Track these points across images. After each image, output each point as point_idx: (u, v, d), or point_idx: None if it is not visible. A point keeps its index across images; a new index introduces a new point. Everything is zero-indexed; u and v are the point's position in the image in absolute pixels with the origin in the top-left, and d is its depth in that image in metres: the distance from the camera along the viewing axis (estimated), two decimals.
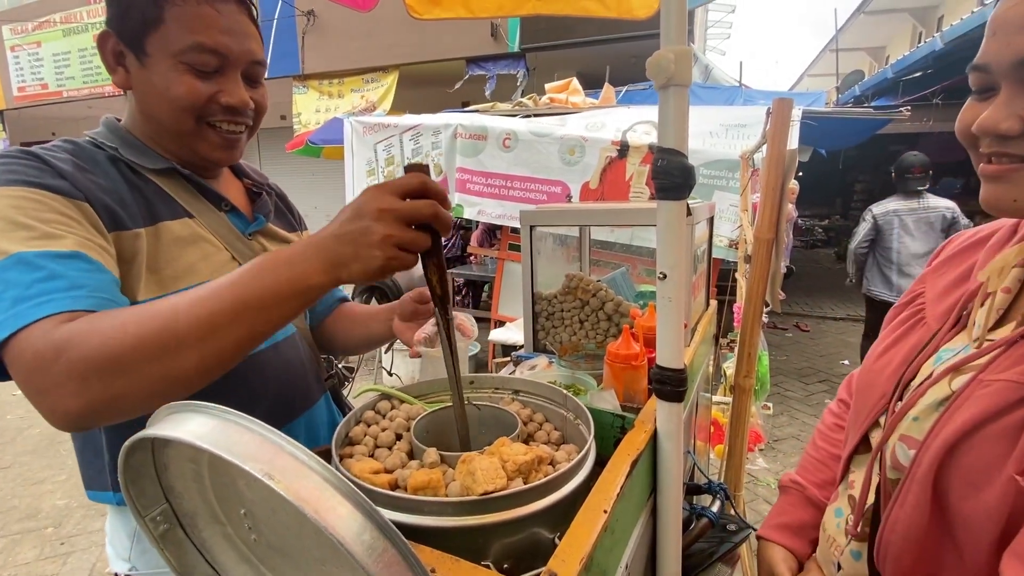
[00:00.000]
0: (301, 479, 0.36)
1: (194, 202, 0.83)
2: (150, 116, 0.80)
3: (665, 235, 0.67)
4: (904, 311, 0.75)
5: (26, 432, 3.83)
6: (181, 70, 0.75)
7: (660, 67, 0.62)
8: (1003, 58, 0.53)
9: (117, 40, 0.76)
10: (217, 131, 0.81)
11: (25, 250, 0.61)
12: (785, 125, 1.33)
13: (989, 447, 0.52)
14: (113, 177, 0.75)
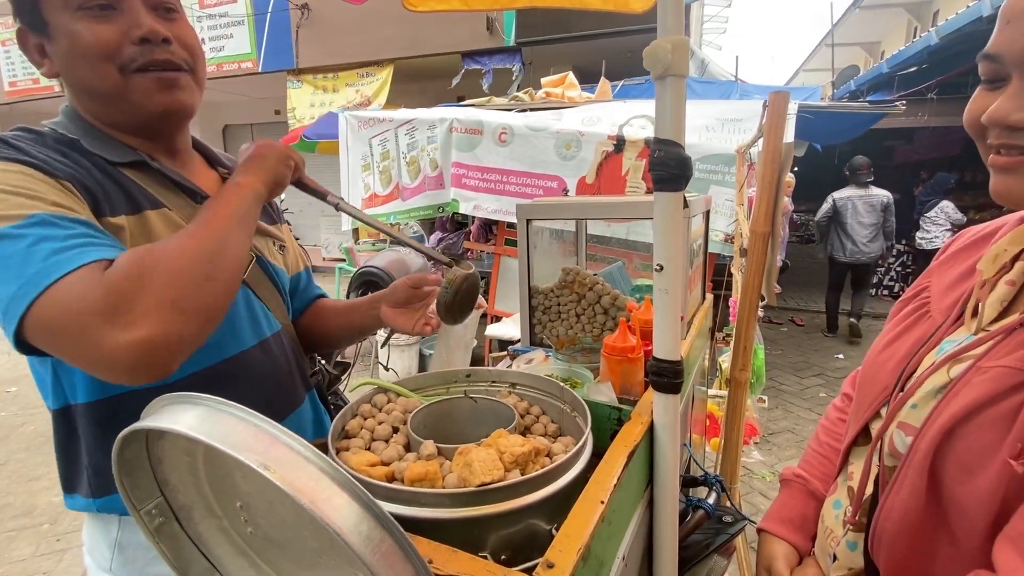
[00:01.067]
0: (297, 470, 0.36)
1: (168, 195, 0.80)
2: (81, 89, 0.76)
3: (662, 227, 0.67)
4: (909, 304, 0.75)
5: (20, 429, 3.80)
6: (78, 19, 0.71)
7: (657, 57, 0.61)
8: (1016, 47, 0.51)
9: (26, 30, 0.74)
10: (145, 75, 0.75)
11: (45, 211, 0.62)
12: (781, 119, 1.33)
13: (985, 432, 0.52)
14: (84, 165, 0.72)
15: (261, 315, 0.89)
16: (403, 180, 4.45)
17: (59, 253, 0.59)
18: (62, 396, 0.76)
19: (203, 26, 8.31)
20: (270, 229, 0.97)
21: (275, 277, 0.94)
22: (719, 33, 13.89)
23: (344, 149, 4.56)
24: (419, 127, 4.25)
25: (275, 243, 0.97)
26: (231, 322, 0.82)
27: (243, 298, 0.86)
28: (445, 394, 0.87)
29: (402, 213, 4.55)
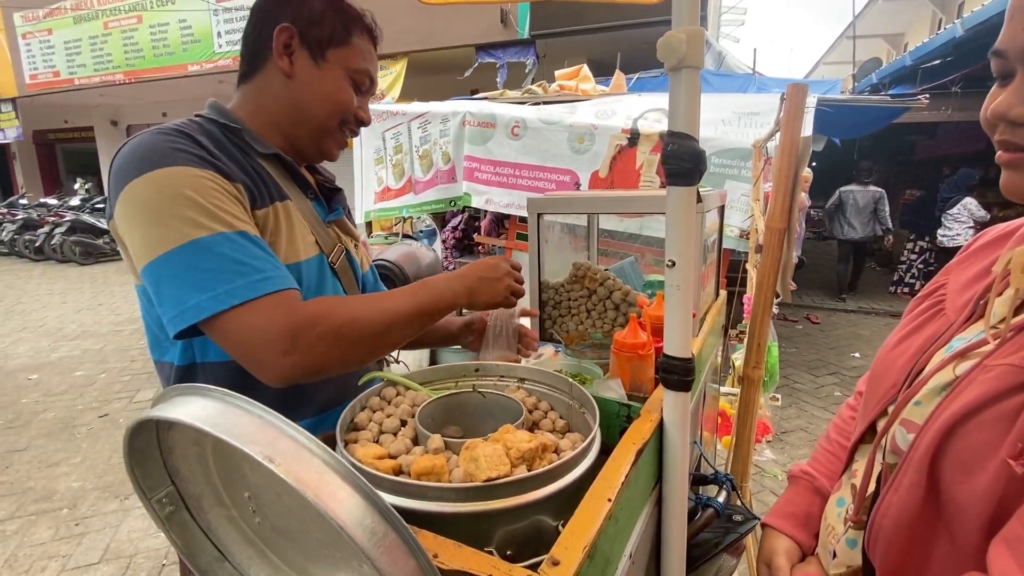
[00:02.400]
0: (302, 463, 0.36)
1: (289, 187, 0.91)
2: (302, 106, 0.89)
3: (674, 222, 0.66)
4: (925, 302, 0.74)
5: (41, 416, 3.90)
6: (348, 82, 0.91)
7: (671, 48, 0.60)
8: (1018, 42, 0.52)
9: (294, 35, 0.86)
10: (343, 135, 0.95)
11: (227, 230, 0.71)
12: (799, 112, 1.30)
13: (986, 431, 0.51)
14: (237, 158, 0.82)
15: None
16: (416, 174, 4.46)
17: (245, 276, 0.70)
18: (190, 355, 0.83)
19: (220, 19, 8.37)
20: (352, 228, 1.07)
21: (356, 271, 1.03)
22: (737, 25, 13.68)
23: (357, 143, 4.57)
24: (432, 120, 4.25)
25: (353, 241, 1.07)
26: None
27: (332, 288, 0.94)
28: (454, 388, 0.87)
29: (414, 207, 4.56)
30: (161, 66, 9.04)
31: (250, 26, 0.88)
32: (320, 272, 0.90)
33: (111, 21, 9.16)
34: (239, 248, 0.71)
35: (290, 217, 0.86)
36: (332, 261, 0.93)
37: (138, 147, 0.73)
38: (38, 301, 7.39)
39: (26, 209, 11.05)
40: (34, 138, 14.26)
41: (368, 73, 0.94)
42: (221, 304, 0.68)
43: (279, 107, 0.89)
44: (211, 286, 0.68)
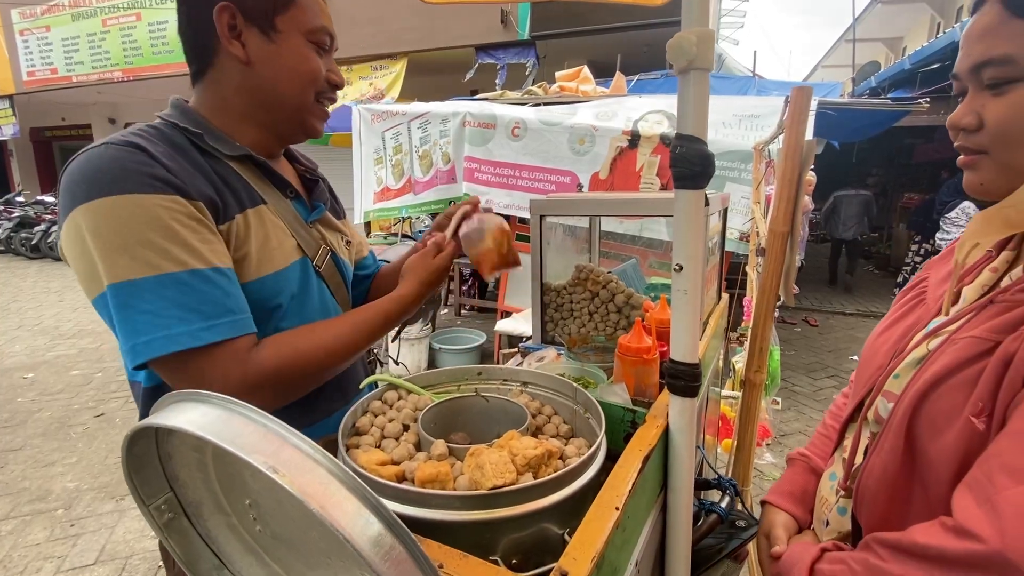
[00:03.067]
0: (306, 473, 0.35)
1: (265, 188, 0.85)
2: (270, 89, 0.82)
3: (682, 226, 0.65)
4: (909, 293, 0.82)
5: (37, 415, 3.87)
6: (309, 48, 0.82)
7: (681, 49, 0.59)
8: (964, 65, 0.64)
9: (236, 15, 0.77)
10: (321, 106, 0.88)
11: (176, 269, 0.67)
12: (803, 114, 1.29)
13: (952, 395, 0.59)
14: (201, 165, 0.76)
15: (331, 307, 0.94)
16: (415, 174, 4.44)
17: (191, 322, 0.67)
18: (157, 377, 0.79)
19: None
20: (339, 225, 1.02)
21: (343, 271, 0.99)
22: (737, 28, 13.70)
23: (357, 142, 4.56)
24: (432, 121, 4.24)
25: (342, 238, 1.01)
26: (306, 316, 0.87)
27: (318, 291, 0.90)
28: (456, 392, 0.86)
29: (414, 207, 4.54)
30: (160, 64, 9.02)
31: (184, 17, 0.80)
32: (304, 277, 0.86)
33: (109, 19, 9.13)
34: (188, 289, 0.67)
35: (264, 223, 0.81)
36: (317, 265, 0.89)
37: (88, 166, 0.68)
38: (34, 299, 7.35)
39: (22, 207, 11.00)
40: (31, 135, 14.20)
41: (326, 30, 0.84)
42: (159, 350, 0.66)
43: (244, 98, 0.82)
44: (151, 330, 0.65)
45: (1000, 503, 0.48)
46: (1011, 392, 0.53)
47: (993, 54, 0.59)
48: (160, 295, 0.66)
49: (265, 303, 0.79)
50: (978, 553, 0.47)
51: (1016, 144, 0.59)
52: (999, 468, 0.50)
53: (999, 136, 0.61)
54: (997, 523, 0.47)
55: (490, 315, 5.46)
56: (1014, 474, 0.49)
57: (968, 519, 0.50)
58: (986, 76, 0.61)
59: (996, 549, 0.46)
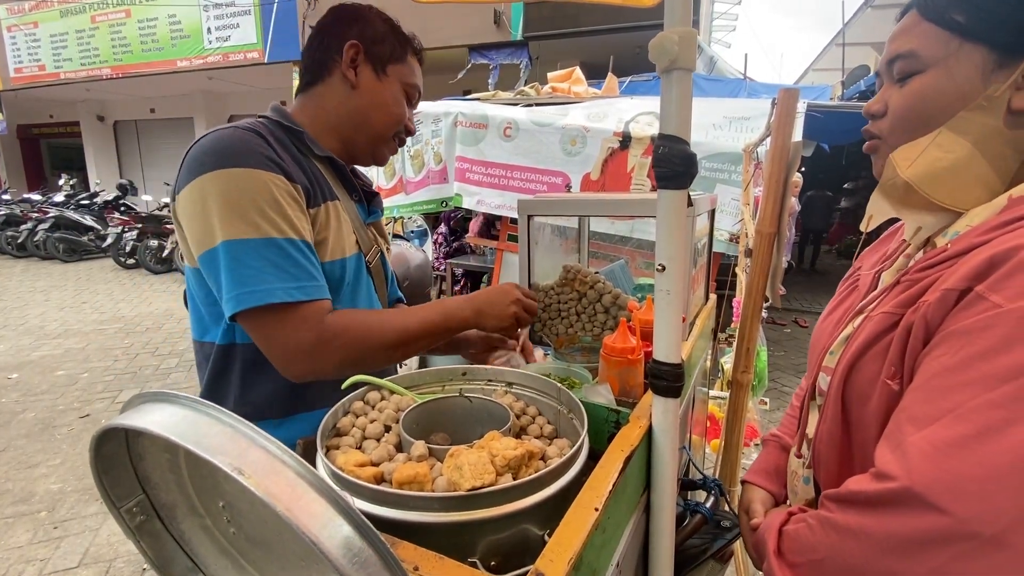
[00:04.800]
0: (273, 475, 0.34)
1: (339, 188, 0.99)
2: (364, 115, 0.98)
3: (665, 226, 0.65)
4: (847, 282, 0.92)
5: (20, 416, 3.81)
6: (403, 95, 1.01)
7: (663, 49, 0.59)
8: (883, 61, 0.72)
9: (360, 52, 0.95)
10: (395, 143, 1.05)
11: (279, 236, 0.79)
12: (790, 116, 1.30)
13: (872, 364, 0.66)
14: (298, 158, 0.90)
15: (376, 302, 1.06)
16: (407, 174, 4.43)
17: (285, 280, 0.79)
18: (231, 335, 0.90)
19: (210, 15, 8.28)
20: (386, 234, 1.15)
21: (388, 272, 1.12)
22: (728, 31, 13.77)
23: None
24: (424, 120, 4.22)
25: (386, 243, 1.15)
26: (357, 305, 0.99)
27: (367, 286, 1.02)
28: (440, 392, 0.85)
29: (405, 207, 4.53)
30: (149, 61, 8.93)
31: (316, 40, 0.97)
32: (357, 270, 0.98)
33: (99, 15, 9.04)
34: (285, 254, 0.79)
35: (339, 216, 0.94)
36: (368, 261, 1.02)
37: (218, 142, 0.81)
38: (20, 299, 7.25)
39: (8, 205, 10.84)
40: (18, 132, 14.03)
41: (418, 88, 1.04)
42: (258, 300, 0.77)
43: (340, 114, 0.97)
44: (254, 283, 0.77)
45: (907, 447, 0.55)
46: (914, 355, 0.61)
47: (902, 49, 0.68)
48: (262, 255, 0.78)
49: (332, 284, 0.90)
50: (891, 490, 0.54)
51: (906, 129, 0.68)
52: (906, 419, 0.58)
53: (896, 120, 0.70)
54: (904, 463, 0.54)
55: None
56: (916, 422, 0.56)
57: (884, 464, 0.57)
58: (896, 69, 0.70)
59: (905, 485, 0.53)
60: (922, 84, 0.67)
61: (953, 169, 0.65)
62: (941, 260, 0.64)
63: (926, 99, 0.66)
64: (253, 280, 0.77)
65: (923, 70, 0.66)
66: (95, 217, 10.03)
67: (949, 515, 0.50)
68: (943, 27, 0.64)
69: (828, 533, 0.61)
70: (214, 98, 11.45)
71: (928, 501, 0.51)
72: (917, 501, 0.52)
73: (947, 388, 0.55)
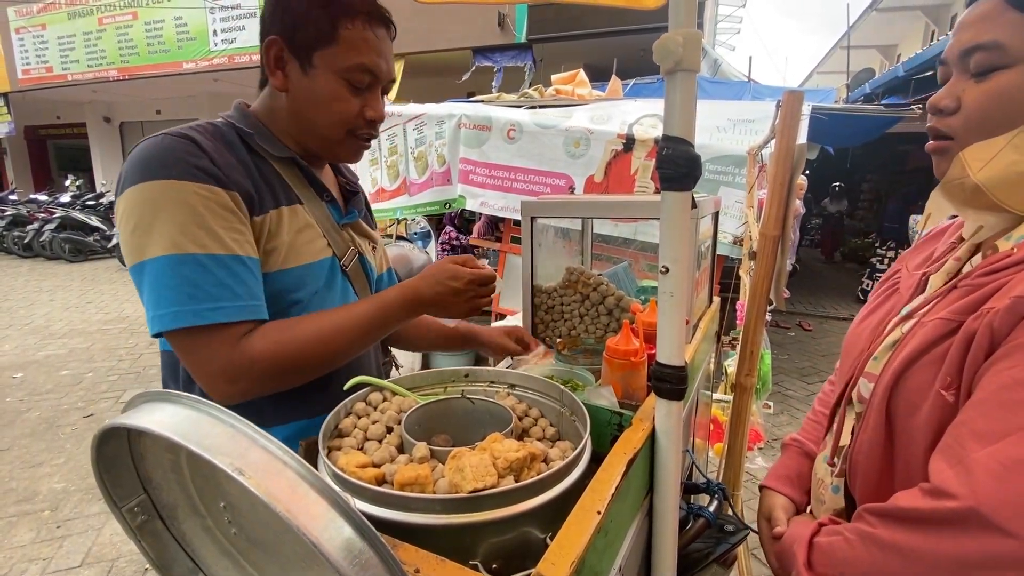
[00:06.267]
0: (274, 475, 0.34)
1: (303, 190, 0.90)
2: (303, 118, 0.88)
3: (668, 228, 0.65)
4: (885, 284, 0.88)
5: (25, 415, 3.83)
6: (341, 85, 0.84)
7: (667, 50, 0.59)
8: (954, 50, 0.66)
9: (283, 48, 0.83)
10: (356, 140, 0.91)
11: (198, 252, 0.73)
12: (795, 119, 1.30)
13: (924, 372, 0.63)
14: (246, 160, 0.83)
15: None
16: (410, 175, 4.43)
17: (198, 301, 0.72)
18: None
19: (216, 17, 8.32)
20: (371, 231, 1.07)
21: (370, 274, 1.03)
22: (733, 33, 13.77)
23: None
24: (428, 122, 4.23)
25: (371, 244, 1.07)
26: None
27: (341, 290, 0.94)
28: (442, 393, 0.85)
29: (409, 208, 4.53)
30: (156, 63, 8.98)
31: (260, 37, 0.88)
32: (330, 275, 0.91)
33: (106, 17, 9.10)
34: (204, 271, 0.73)
35: (297, 220, 0.86)
36: (344, 264, 0.94)
37: (143, 152, 0.75)
38: (25, 298, 7.28)
39: (15, 205, 10.91)
40: (25, 133, 14.12)
41: (363, 67, 0.84)
42: (167, 324, 0.72)
43: (285, 117, 0.89)
44: (166, 304, 0.72)
45: (971, 464, 0.52)
46: (975, 366, 0.58)
47: (984, 39, 0.61)
48: (179, 273, 0.72)
49: (289, 292, 0.85)
50: (953, 510, 0.51)
51: (983, 130, 0.62)
52: (968, 434, 0.54)
53: (972, 119, 0.63)
54: (968, 482, 0.51)
55: (485, 317, 5.45)
56: (981, 438, 0.53)
57: (943, 481, 0.53)
58: (973, 61, 0.63)
59: (969, 505, 0.50)
60: (1008, 82, 0.60)
61: None
62: (1007, 265, 0.60)
63: (1012, 99, 0.60)
64: (166, 301, 0.72)
65: (1009, 65, 0.60)
66: (101, 218, 10.09)
67: (1017, 539, 0.47)
68: None
69: (869, 549, 0.58)
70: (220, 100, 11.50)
71: (994, 523, 0.48)
72: (982, 522, 0.49)
73: (1018, 403, 0.52)
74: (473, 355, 4.68)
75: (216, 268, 0.73)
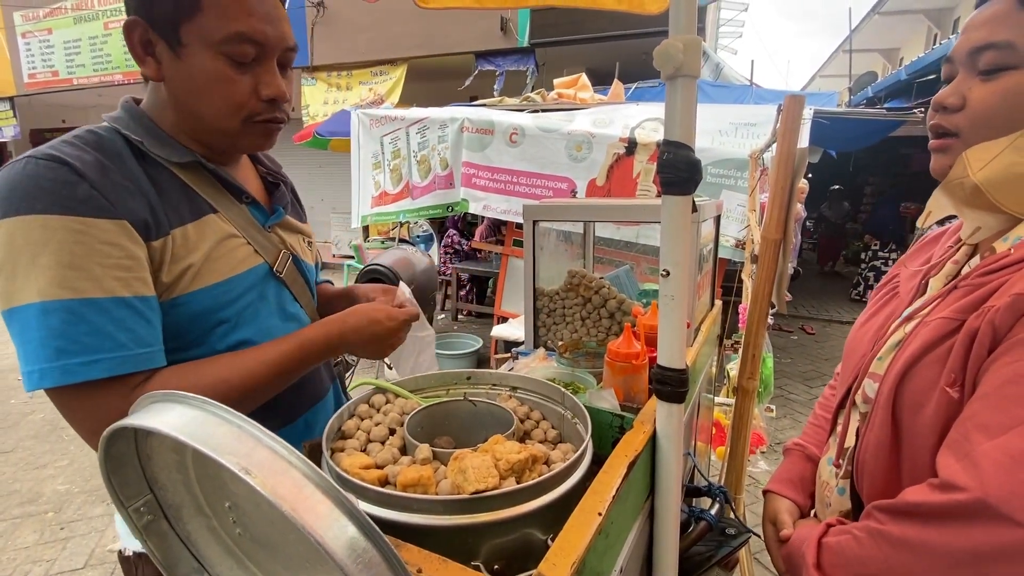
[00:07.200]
0: (279, 475, 0.35)
1: (217, 196, 0.79)
2: (187, 110, 0.75)
3: (669, 231, 0.65)
4: (883, 289, 0.90)
5: (29, 417, 3.85)
6: (219, 61, 0.71)
7: (668, 56, 0.59)
8: (963, 48, 0.66)
9: (147, 28, 0.71)
10: (260, 127, 0.78)
11: (71, 297, 0.63)
12: (796, 123, 1.30)
13: (929, 370, 0.64)
14: (138, 177, 0.71)
15: (293, 312, 0.91)
16: (413, 179, 4.45)
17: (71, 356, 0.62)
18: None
19: None
20: (301, 227, 0.97)
21: (306, 274, 0.95)
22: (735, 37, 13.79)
23: (356, 147, 4.57)
24: (431, 126, 4.25)
25: (304, 239, 0.98)
26: (262, 323, 0.83)
27: (276, 298, 0.87)
28: (445, 396, 0.85)
29: (412, 212, 4.55)
30: None
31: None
32: (261, 283, 0.83)
33: (111, 22, 9.16)
34: (78, 319, 0.63)
35: (212, 233, 0.76)
36: (277, 270, 0.86)
37: (3, 182, 0.64)
38: None
39: None
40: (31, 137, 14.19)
41: (241, 35, 0.70)
42: (35, 384, 0.63)
43: (174, 114, 0.76)
44: (34, 360, 0.63)
45: (977, 457, 0.53)
46: (978, 362, 0.59)
47: (996, 38, 0.62)
48: (46, 324, 0.62)
49: (211, 313, 0.76)
50: (962, 502, 0.52)
51: (988, 128, 0.63)
52: (974, 427, 0.55)
53: (977, 118, 0.64)
54: (976, 474, 0.52)
55: (487, 320, 5.45)
56: (987, 431, 0.54)
57: (951, 475, 0.54)
58: (983, 60, 0.63)
59: (978, 496, 0.51)
60: (1016, 82, 0.61)
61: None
62: (1005, 264, 0.62)
63: (1018, 99, 0.61)
64: (34, 357, 0.62)
65: (1018, 66, 0.61)
66: None
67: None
68: None
69: (880, 546, 0.59)
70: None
71: (1003, 513, 0.49)
72: (991, 513, 0.50)
73: (1021, 396, 0.53)
74: (475, 358, 4.69)
75: (93, 314, 0.63)
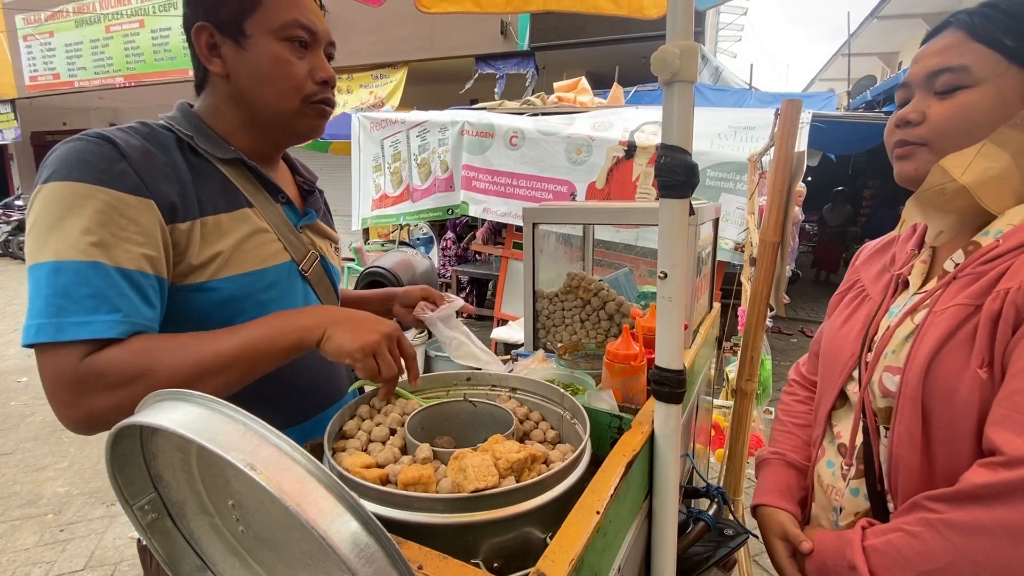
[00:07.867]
0: (284, 471, 0.36)
1: (255, 192, 0.86)
2: (252, 99, 0.82)
3: (667, 234, 0.66)
4: (847, 295, 0.94)
5: (29, 419, 3.85)
6: (281, 47, 0.80)
7: (665, 62, 0.61)
8: (919, 73, 0.75)
9: (213, 31, 0.79)
10: (315, 110, 0.86)
11: (80, 259, 0.66)
12: (793, 127, 1.31)
13: (954, 356, 0.67)
14: (178, 164, 0.77)
15: None
16: (414, 182, 4.47)
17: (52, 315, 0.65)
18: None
19: None
20: (330, 232, 1.02)
21: (333, 277, 0.99)
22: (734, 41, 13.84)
23: (356, 149, 4.59)
24: (431, 129, 4.27)
25: (332, 244, 1.03)
26: None
27: (302, 295, 0.91)
28: (445, 397, 0.86)
29: (412, 214, 4.56)
30: (162, 70, 9.08)
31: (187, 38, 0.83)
32: (289, 280, 0.87)
33: (113, 25, 9.20)
34: (70, 281, 0.65)
35: (245, 225, 0.81)
36: (304, 269, 0.90)
37: (54, 154, 0.71)
38: None
39: (21, 210, 11.00)
40: (32, 139, 14.24)
41: (298, 23, 0.80)
42: (24, 339, 0.66)
43: (234, 108, 0.84)
44: (29, 315, 0.66)
45: None
46: (1004, 342, 0.62)
47: (951, 63, 0.71)
48: (50, 282, 0.66)
49: (240, 301, 0.80)
50: None
51: (952, 138, 0.71)
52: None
53: (940, 130, 0.72)
54: None
55: (487, 323, 5.46)
56: None
57: (1015, 449, 0.55)
58: (939, 82, 0.72)
59: None
60: (969, 99, 0.70)
61: (999, 177, 0.68)
62: (1001, 252, 0.67)
63: (974, 112, 0.69)
64: (36, 312, 0.66)
65: (972, 86, 0.70)
66: None
67: None
68: (994, 49, 0.68)
69: (948, 536, 0.59)
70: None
71: None
72: None
73: None
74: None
75: (88, 277, 0.66)
